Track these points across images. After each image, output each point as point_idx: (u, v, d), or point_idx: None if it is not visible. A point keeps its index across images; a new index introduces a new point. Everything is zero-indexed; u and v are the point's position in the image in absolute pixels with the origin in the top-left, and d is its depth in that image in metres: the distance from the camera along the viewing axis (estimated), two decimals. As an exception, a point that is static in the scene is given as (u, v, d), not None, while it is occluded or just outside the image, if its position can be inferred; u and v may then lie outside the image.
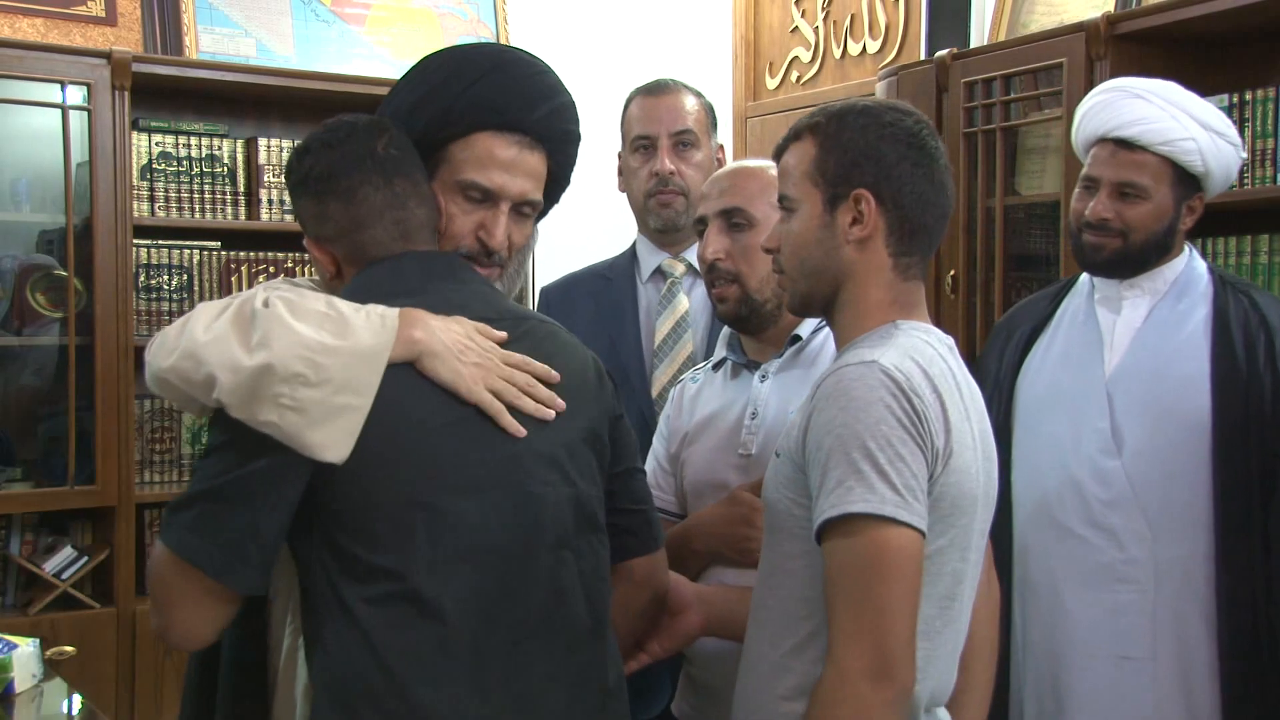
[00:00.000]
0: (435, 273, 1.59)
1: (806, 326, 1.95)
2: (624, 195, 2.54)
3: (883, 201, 1.55)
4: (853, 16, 4.38)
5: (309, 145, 1.62)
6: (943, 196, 1.59)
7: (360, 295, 1.53)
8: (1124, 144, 2.19)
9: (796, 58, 4.61)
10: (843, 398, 1.45)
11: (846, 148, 1.56)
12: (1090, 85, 2.98)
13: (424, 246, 1.60)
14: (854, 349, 1.54)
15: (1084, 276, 2.35)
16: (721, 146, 2.56)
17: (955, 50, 3.40)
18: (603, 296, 2.48)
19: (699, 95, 2.51)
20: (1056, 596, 2.20)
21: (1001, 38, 3.56)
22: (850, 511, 1.41)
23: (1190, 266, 2.25)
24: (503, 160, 1.65)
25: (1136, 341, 2.21)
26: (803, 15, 4.60)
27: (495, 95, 1.65)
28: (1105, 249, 2.22)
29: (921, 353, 1.52)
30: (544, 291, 2.60)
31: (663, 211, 2.43)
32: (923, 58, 3.78)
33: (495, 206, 1.66)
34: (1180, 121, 2.17)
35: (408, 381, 1.46)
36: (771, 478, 1.60)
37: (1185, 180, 2.20)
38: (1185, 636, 2.11)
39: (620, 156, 2.53)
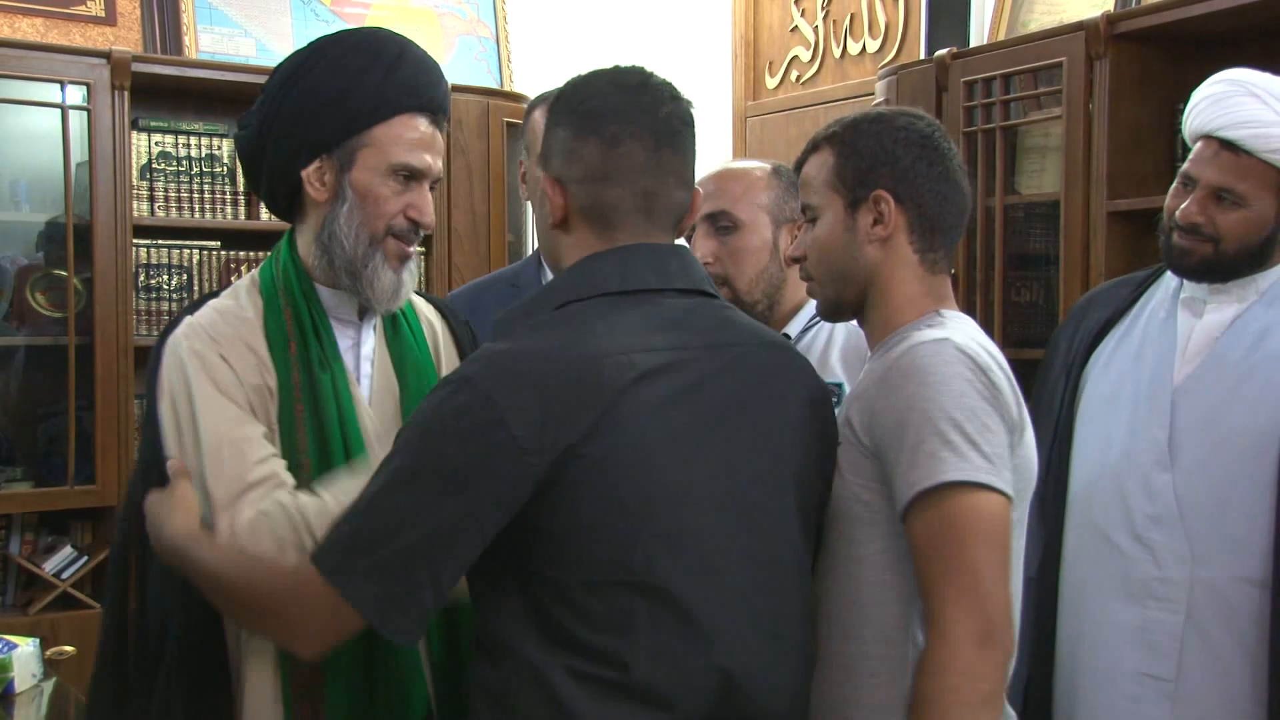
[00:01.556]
0: (669, 273, 1.46)
1: (795, 326, 1.95)
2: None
3: (901, 200, 1.61)
4: (852, 16, 4.38)
5: (593, 77, 1.49)
6: (959, 194, 1.65)
7: (580, 288, 1.44)
8: (1229, 145, 2.01)
9: (796, 57, 4.61)
10: (920, 374, 1.49)
11: (863, 153, 1.62)
12: (1090, 85, 3.00)
13: (660, 235, 1.48)
14: (912, 331, 1.57)
15: None
16: None
17: (955, 50, 3.40)
18: (511, 303, 2.43)
19: None
20: (1084, 602, 2.11)
21: (1001, 37, 3.56)
22: (944, 480, 1.43)
23: None
24: (425, 140, 1.65)
25: (1213, 351, 2.05)
26: (802, 14, 4.59)
27: (414, 76, 1.64)
28: (1194, 254, 2.05)
29: (976, 336, 1.58)
30: (450, 299, 2.50)
31: None
32: (922, 57, 3.78)
33: (420, 185, 1.66)
34: None
35: (653, 443, 1.35)
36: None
37: None
38: (1215, 661, 1.98)
39: (522, 164, 2.43)
